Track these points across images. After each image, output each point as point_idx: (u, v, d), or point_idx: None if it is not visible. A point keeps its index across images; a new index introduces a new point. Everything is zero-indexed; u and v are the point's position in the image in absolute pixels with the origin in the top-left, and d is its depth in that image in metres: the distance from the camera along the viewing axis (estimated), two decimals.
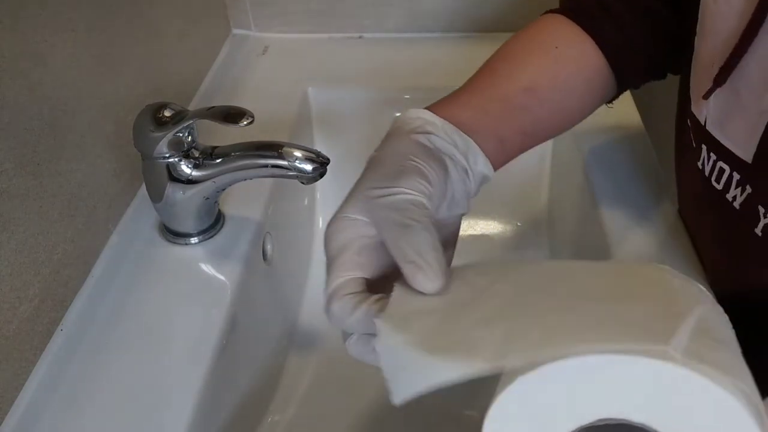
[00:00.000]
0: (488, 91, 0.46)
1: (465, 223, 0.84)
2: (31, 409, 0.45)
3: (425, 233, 0.33)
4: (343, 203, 0.37)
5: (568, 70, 0.48)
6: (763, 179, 0.39)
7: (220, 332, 0.50)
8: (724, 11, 0.39)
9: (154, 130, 0.51)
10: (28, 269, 0.46)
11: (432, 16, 0.87)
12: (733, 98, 0.40)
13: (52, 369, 0.48)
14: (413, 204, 0.35)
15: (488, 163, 0.43)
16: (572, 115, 0.50)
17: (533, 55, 0.48)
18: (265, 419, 0.61)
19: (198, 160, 0.53)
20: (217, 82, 0.80)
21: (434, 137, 0.40)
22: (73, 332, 0.50)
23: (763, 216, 0.40)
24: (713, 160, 0.44)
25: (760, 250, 0.41)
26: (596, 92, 0.50)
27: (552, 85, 0.47)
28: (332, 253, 0.36)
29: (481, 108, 0.45)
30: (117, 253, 0.56)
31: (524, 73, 0.47)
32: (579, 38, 0.49)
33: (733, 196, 0.43)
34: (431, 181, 0.37)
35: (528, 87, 0.46)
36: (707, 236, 0.52)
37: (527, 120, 0.47)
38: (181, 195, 0.53)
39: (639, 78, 0.51)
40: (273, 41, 0.89)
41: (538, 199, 0.82)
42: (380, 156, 0.39)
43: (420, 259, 0.32)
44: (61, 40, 0.50)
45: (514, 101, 0.46)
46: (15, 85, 0.45)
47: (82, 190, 0.53)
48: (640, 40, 0.48)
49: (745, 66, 0.38)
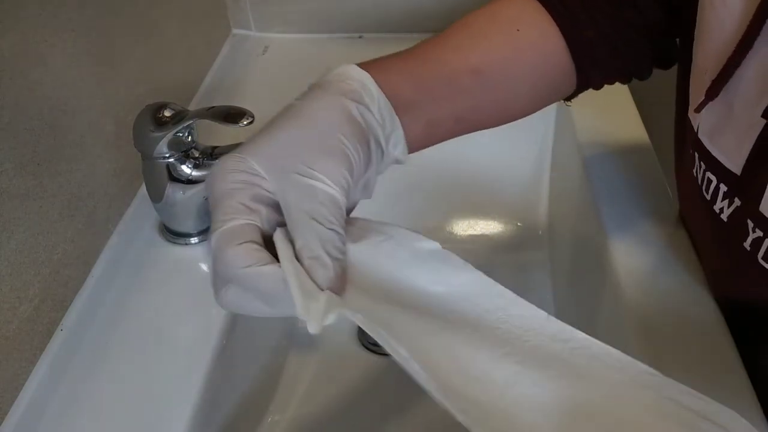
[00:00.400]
0: (435, 63, 0.42)
1: (465, 222, 0.85)
2: (31, 409, 0.45)
3: (333, 234, 0.32)
4: (247, 144, 0.34)
5: (525, 56, 0.44)
6: (752, 192, 0.38)
7: (220, 332, 0.50)
8: (723, 18, 0.38)
9: (154, 130, 0.51)
10: (28, 269, 0.46)
11: (432, 16, 0.87)
12: (725, 110, 0.39)
13: (52, 369, 0.48)
14: (331, 201, 0.32)
15: (406, 149, 0.40)
16: (519, 104, 0.46)
17: (490, 34, 0.44)
18: (265, 419, 0.61)
19: (198, 160, 0.53)
20: (217, 82, 0.80)
21: (366, 112, 0.37)
22: (73, 332, 0.50)
23: (752, 230, 0.39)
24: (703, 169, 0.43)
25: (750, 265, 0.40)
26: (552, 85, 0.46)
27: (502, 69, 0.43)
28: (221, 191, 0.33)
29: (423, 83, 0.41)
30: (117, 253, 0.56)
31: (476, 51, 0.43)
32: (543, 23, 0.44)
33: (720, 208, 0.42)
34: (353, 171, 0.34)
35: (476, 68, 0.42)
36: (703, 243, 0.51)
37: (466, 105, 0.43)
38: (181, 195, 0.53)
39: (602, 77, 0.47)
40: (273, 41, 0.89)
41: (538, 199, 0.82)
42: (304, 113, 0.35)
43: (326, 257, 0.31)
44: (61, 40, 0.50)
45: (459, 82, 0.42)
46: (15, 85, 0.45)
47: (82, 190, 0.53)
48: (614, 35, 0.44)
49: (738, 78, 0.37)
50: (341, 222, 0.33)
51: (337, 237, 0.32)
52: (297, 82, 0.88)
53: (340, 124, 0.35)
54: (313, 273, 0.31)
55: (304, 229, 0.32)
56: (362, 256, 0.34)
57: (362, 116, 0.36)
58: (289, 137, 0.34)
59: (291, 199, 0.32)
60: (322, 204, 0.32)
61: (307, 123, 0.35)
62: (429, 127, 0.41)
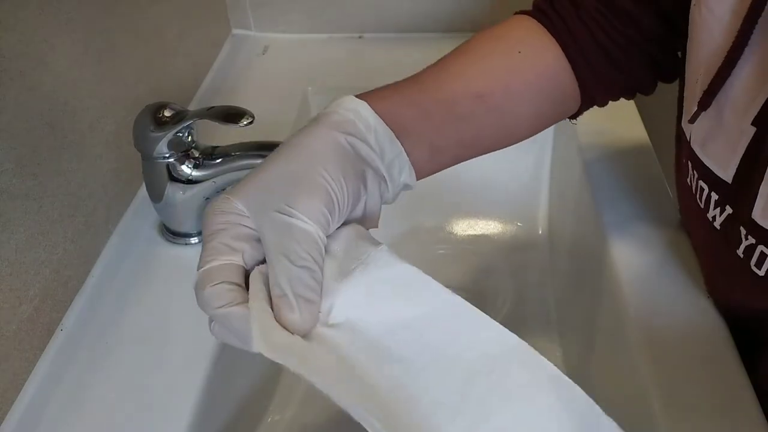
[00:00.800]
0: (436, 91, 0.42)
1: (465, 222, 0.85)
2: (32, 409, 0.45)
3: (303, 272, 0.32)
4: (238, 185, 0.35)
5: (526, 77, 0.44)
6: (743, 200, 0.38)
7: None
8: (712, 29, 0.38)
9: (154, 130, 0.51)
10: (28, 269, 0.46)
11: (432, 16, 0.87)
12: (715, 119, 0.39)
13: (52, 369, 0.48)
14: (307, 237, 0.32)
15: (413, 173, 0.40)
16: (522, 127, 0.46)
17: (492, 57, 0.44)
18: (265, 419, 0.61)
19: (198, 160, 0.53)
20: (217, 82, 0.80)
21: (359, 143, 0.37)
22: (73, 332, 0.50)
23: (745, 238, 0.39)
24: (696, 177, 0.43)
25: (743, 272, 0.40)
26: (556, 104, 0.46)
27: (505, 93, 0.43)
28: (208, 232, 0.34)
29: (424, 109, 0.41)
30: (117, 253, 0.56)
31: (478, 75, 0.43)
32: (545, 44, 0.45)
33: (713, 216, 0.42)
34: (334, 206, 0.34)
35: (478, 93, 0.43)
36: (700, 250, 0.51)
37: (470, 130, 0.43)
38: (181, 195, 0.53)
39: (606, 93, 0.47)
40: (273, 41, 0.89)
41: (538, 199, 0.82)
42: (292, 150, 0.36)
43: (291, 296, 0.31)
44: (61, 40, 0.50)
45: (461, 107, 0.42)
46: (15, 85, 0.45)
47: (82, 190, 0.53)
48: (616, 52, 0.44)
49: (728, 87, 0.37)
50: (317, 257, 0.33)
51: (308, 274, 0.32)
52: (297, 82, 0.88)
53: (324, 158, 0.35)
54: (278, 312, 0.32)
55: (276, 266, 0.32)
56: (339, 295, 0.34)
57: (352, 147, 0.37)
58: (272, 176, 0.35)
59: (267, 236, 0.33)
60: (297, 241, 0.32)
61: (293, 159, 0.35)
62: (433, 152, 0.42)
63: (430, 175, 0.43)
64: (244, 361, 0.55)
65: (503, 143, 0.46)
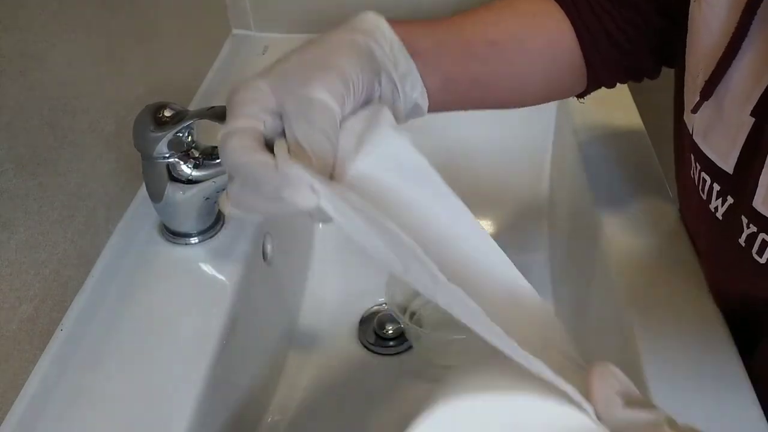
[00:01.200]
0: (454, 32, 0.45)
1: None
2: (32, 409, 0.45)
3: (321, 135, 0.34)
4: (260, 72, 0.37)
5: (539, 38, 0.47)
6: (744, 189, 0.39)
7: (220, 332, 0.49)
8: (711, 21, 0.39)
9: (154, 130, 0.51)
10: (28, 269, 0.46)
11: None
12: (716, 110, 0.40)
13: (52, 369, 0.48)
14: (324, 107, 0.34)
15: (425, 95, 0.42)
16: (532, 84, 0.48)
17: (506, 14, 0.47)
18: (265, 419, 0.61)
19: (198, 160, 0.53)
20: (217, 82, 0.80)
21: (374, 45, 0.39)
22: (73, 332, 0.50)
23: (747, 226, 0.40)
24: (698, 169, 0.44)
25: (745, 261, 0.41)
26: (564, 73, 0.48)
27: (517, 45, 0.46)
28: (233, 104, 0.36)
29: (442, 41, 0.44)
30: (117, 253, 0.56)
31: (493, 27, 0.46)
32: (557, 16, 0.47)
33: (714, 207, 0.43)
34: (351, 86, 0.36)
35: (492, 40, 0.45)
36: (702, 242, 0.52)
37: (483, 72, 0.45)
38: (181, 195, 0.53)
39: (612, 74, 0.49)
40: (273, 41, 0.89)
41: (538, 199, 0.82)
42: (311, 44, 0.38)
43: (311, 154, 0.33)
44: (61, 40, 0.50)
45: (475, 49, 0.45)
46: (15, 85, 0.45)
47: (82, 190, 0.53)
48: (619, 35, 0.47)
49: (728, 79, 0.38)
50: (333, 126, 0.35)
51: (324, 137, 0.34)
52: None
53: (341, 49, 0.38)
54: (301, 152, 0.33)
55: (296, 131, 0.34)
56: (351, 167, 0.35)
57: (368, 47, 0.39)
58: (292, 63, 0.37)
59: (288, 107, 0.35)
60: (315, 109, 0.34)
61: (311, 50, 0.38)
62: (446, 82, 0.43)
63: (442, 111, 0.45)
64: (244, 361, 0.55)
65: (514, 98, 0.48)
